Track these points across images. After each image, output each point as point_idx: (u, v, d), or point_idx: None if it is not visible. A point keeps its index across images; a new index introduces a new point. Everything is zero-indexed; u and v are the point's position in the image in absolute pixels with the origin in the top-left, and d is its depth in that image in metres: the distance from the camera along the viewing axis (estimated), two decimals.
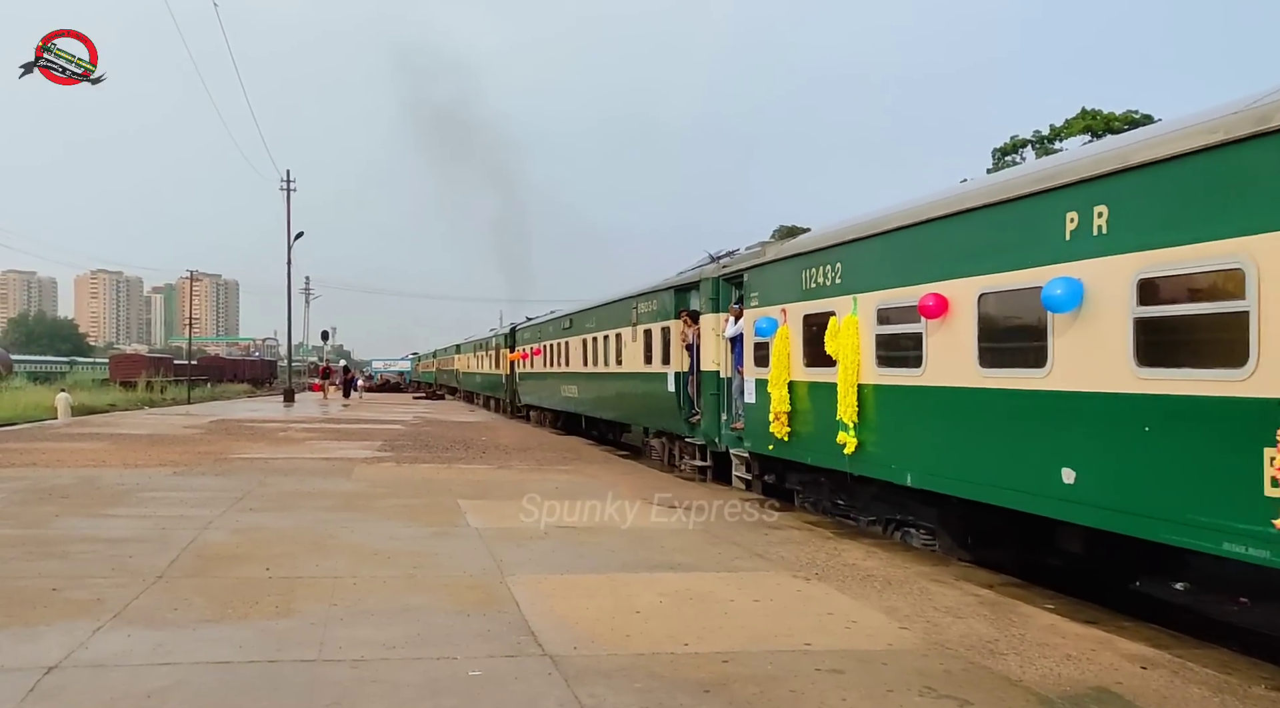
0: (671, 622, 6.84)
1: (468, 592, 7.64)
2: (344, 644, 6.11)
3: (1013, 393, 8.24)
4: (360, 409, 41.92)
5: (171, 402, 48.78)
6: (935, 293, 9.13)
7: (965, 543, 9.74)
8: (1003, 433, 8.39)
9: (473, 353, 52.44)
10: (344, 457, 18.84)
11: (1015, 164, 39.32)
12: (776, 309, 12.74)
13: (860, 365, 10.44)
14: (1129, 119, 38.55)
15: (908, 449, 9.78)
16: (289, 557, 8.88)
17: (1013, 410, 8.22)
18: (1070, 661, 6.04)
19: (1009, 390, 8.28)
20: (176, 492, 13.22)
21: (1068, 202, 7.55)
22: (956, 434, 9.00)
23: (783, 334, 12.37)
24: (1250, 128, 6.03)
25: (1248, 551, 5.92)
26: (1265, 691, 5.50)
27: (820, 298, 11.55)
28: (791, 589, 7.96)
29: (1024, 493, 8.03)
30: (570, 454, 20.64)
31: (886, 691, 5.40)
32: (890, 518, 10.83)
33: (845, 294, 10.91)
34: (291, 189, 52.06)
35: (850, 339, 10.53)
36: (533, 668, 5.73)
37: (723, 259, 15.59)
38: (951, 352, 9.01)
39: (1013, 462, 8.17)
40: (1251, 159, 6.05)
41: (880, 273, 10.28)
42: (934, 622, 6.95)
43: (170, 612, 6.88)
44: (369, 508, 11.99)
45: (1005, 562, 9.12)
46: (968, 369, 8.77)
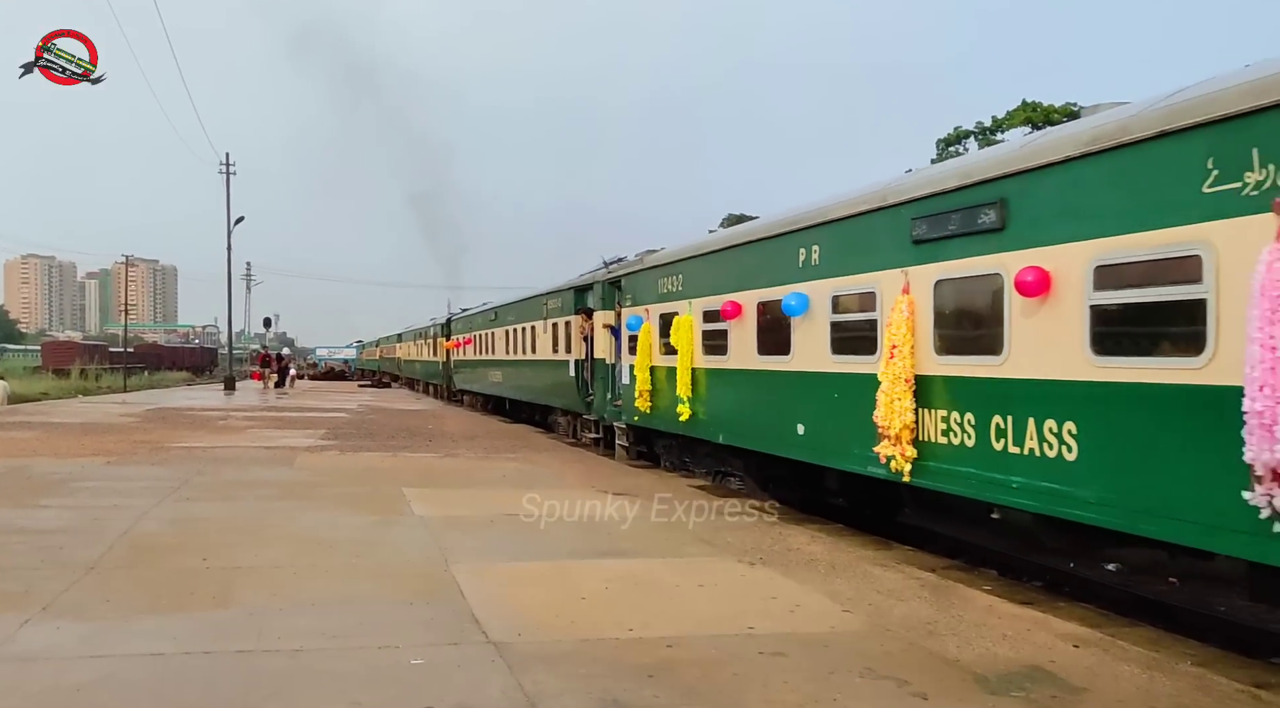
0: (617, 608, 6.85)
1: (411, 580, 7.56)
2: (283, 635, 6.01)
3: (774, 373, 11.48)
4: (304, 397, 41.26)
5: (107, 390, 47.48)
6: (733, 300, 12.32)
7: (765, 486, 12.46)
8: (770, 401, 11.62)
9: (413, 341, 54.38)
10: (286, 445, 18.53)
11: (959, 154, 39.91)
12: (643, 309, 15.88)
13: (693, 354, 13.61)
14: (1067, 111, 39.29)
15: (720, 416, 13.02)
16: (227, 547, 8.70)
17: (774, 385, 11.49)
18: (1006, 640, 6.16)
19: (772, 371, 11.53)
20: (110, 482, 12.89)
21: (799, 241, 10.96)
22: (747, 404, 12.30)
23: (646, 329, 15.47)
24: (872, 204, 9.63)
25: (866, 468, 9.42)
26: (1191, 667, 5.66)
27: (669, 301, 14.78)
28: (737, 574, 8.01)
29: (782, 444, 11.23)
30: (518, 442, 20.54)
31: (828, 673, 5.46)
32: (717, 470, 13.99)
33: (684, 299, 14.13)
34: (231, 172, 50.83)
35: (686, 334, 13.67)
36: (476, 656, 5.69)
37: (612, 265, 18.37)
38: (743, 343, 12.23)
39: (776, 422, 11.31)
40: (879, 221, 9.48)
41: (704, 284, 13.57)
42: (876, 605, 7.05)
43: (102, 604, 6.71)
44: (311, 497, 11.81)
45: (792, 500, 11.77)
46: (751, 356, 12.00)
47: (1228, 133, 5.91)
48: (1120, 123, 6.79)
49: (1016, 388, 7.60)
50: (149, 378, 62.32)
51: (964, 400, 8.19)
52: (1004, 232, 7.80)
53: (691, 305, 13.72)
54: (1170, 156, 6.34)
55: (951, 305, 8.49)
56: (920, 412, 8.65)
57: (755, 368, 11.89)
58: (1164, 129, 6.36)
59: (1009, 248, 7.69)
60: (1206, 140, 6.04)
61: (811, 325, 10.53)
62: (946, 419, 8.36)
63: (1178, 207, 6.20)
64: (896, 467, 8.80)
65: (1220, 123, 5.95)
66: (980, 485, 7.95)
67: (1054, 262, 7.22)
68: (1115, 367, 6.67)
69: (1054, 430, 7.19)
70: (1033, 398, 7.42)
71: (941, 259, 8.51)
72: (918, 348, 8.71)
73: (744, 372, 12.25)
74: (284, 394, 44.34)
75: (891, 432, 8.78)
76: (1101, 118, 7.27)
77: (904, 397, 8.67)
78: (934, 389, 8.54)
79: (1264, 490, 5.44)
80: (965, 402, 8.17)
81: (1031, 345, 7.45)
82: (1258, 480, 5.46)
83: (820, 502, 11.78)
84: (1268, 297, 5.38)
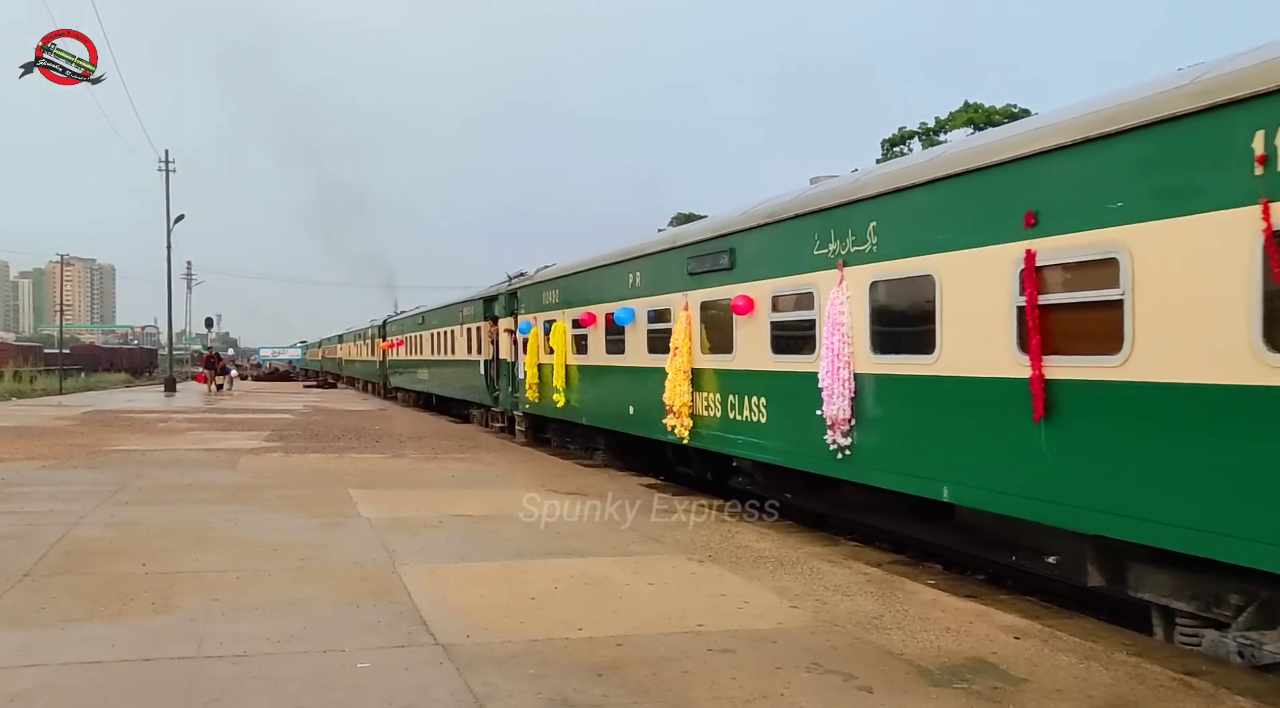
0: (566, 607, 6.84)
1: (358, 583, 7.47)
2: (225, 640, 5.90)
3: (615, 368, 14.80)
4: (247, 398, 40.51)
5: (41, 392, 46.13)
6: (590, 312, 15.75)
7: (621, 457, 15.79)
8: (613, 390, 14.99)
9: (353, 342, 56.89)
10: (229, 447, 18.18)
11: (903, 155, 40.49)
12: (532, 316, 19.26)
13: (566, 353, 16.95)
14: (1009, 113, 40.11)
15: (585, 402, 16.44)
16: (167, 552, 8.52)
17: (615, 377, 14.85)
18: (949, 633, 6.28)
19: (613, 366, 14.85)
20: (45, 486, 12.54)
21: (629, 268, 14.38)
22: (600, 392, 15.76)
23: (534, 334, 18.73)
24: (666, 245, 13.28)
25: (666, 436, 12.67)
26: (1126, 656, 5.82)
27: (550, 310, 18.14)
28: (685, 572, 8.05)
29: (621, 422, 14.65)
30: (467, 442, 20.40)
31: (775, 668, 5.52)
32: (588, 446, 17.35)
33: (560, 309, 17.55)
34: (171, 170, 49.68)
35: (561, 337, 17.13)
36: (424, 658, 5.64)
37: (514, 279, 21.47)
38: (596, 345, 15.61)
39: (618, 406, 14.70)
40: (672, 258, 12.85)
41: (573, 297, 16.93)
42: (823, 600, 7.13)
43: (36, 611, 6.53)
44: (255, 500, 11.60)
45: (644, 470, 14.87)
46: (601, 355, 15.33)
47: (835, 217, 9.33)
48: (778, 206, 10.47)
49: (739, 376, 11.07)
50: (86, 380, 60.69)
51: (714, 385, 11.69)
52: (733, 270, 11.22)
53: (565, 314, 17.16)
54: (802, 229, 9.81)
55: (709, 319, 11.83)
56: (694, 394, 11.99)
57: (604, 364, 15.32)
58: (798, 212, 9.96)
59: (734, 281, 11.11)
60: (819, 220, 9.56)
61: (636, 331, 13.88)
62: (708, 399, 11.82)
63: (803, 261, 9.75)
64: (679, 433, 12.26)
65: (832, 209, 9.42)
66: (724, 443, 11.58)
67: (756, 292, 10.64)
68: (782, 361, 10.21)
69: (755, 404, 10.70)
70: (747, 382, 10.89)
71: (704, 287, 11.88)
72: (693, 349, 12.04)
73: (597, 367, 15.69)
74: (225, 396, 43.46)
75: (675, 408, 12.19)
76: (781, 196, 10.76)
77: (683, 383, 12.06)
78: (702, 378, 11.94)
79: (830, 435, 9.10)
80: (715, 386, 11.67)
81: (745, 347, 10.92)
82: (829, 428, 9.11)
83: (659, 466, 15.07)
84: (831, 320, 9.13)
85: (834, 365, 9.00)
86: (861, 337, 8.85)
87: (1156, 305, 5.95)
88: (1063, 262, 6.61)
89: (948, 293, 7.73)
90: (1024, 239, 6.82)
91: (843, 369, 8.96)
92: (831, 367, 9.02)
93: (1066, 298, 6.67)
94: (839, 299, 9.01)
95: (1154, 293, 5.97)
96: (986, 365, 7.30)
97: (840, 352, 9.00)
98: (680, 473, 14.58)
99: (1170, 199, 5.89)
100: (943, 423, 7.88)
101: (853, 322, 8.93)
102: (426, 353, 32.15)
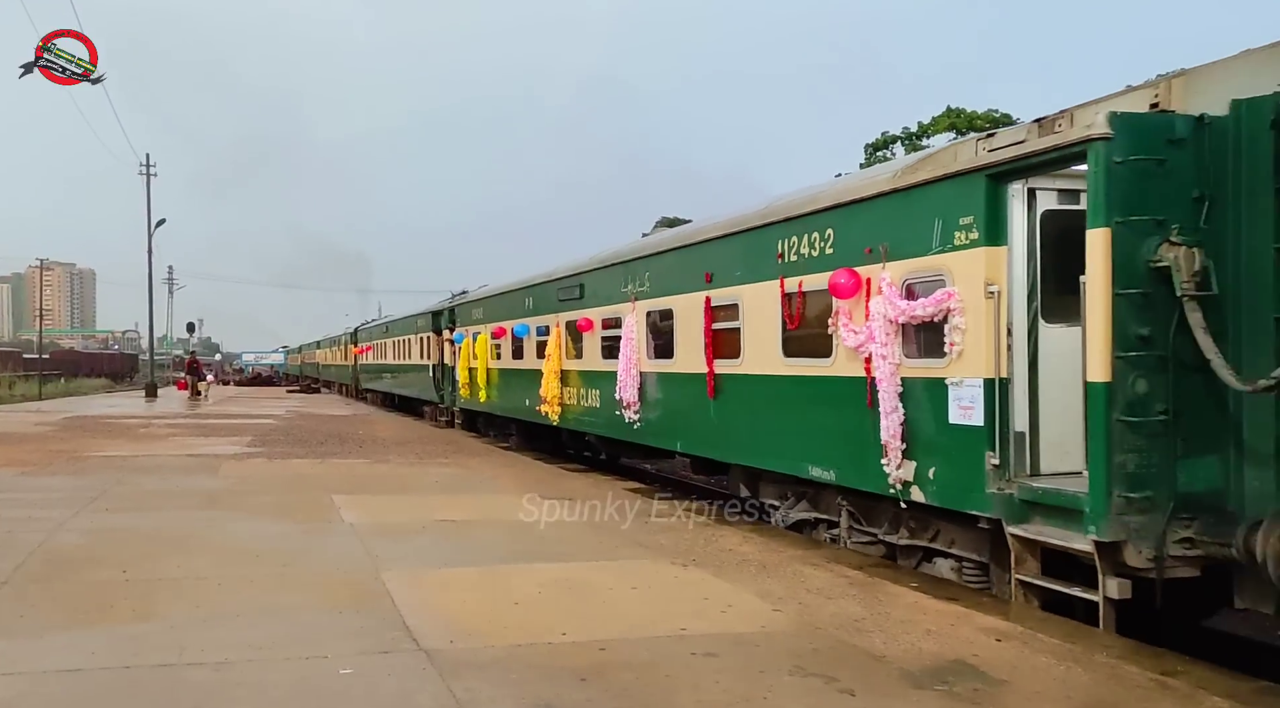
0: (550, 612, 6.84)
1: (340, 589, 7.45)
2: (207, 647, 5.87)
3: (518, 369, 19.33)
4: (229, 404, 40.21)
5: (21, 398, 45.70)
6: (500, 326, 20.32)
7: (530, 443, 19.67)
8: (517, 387, 19.32)
9: (330, 348, 62.10)
10: (211, 453, 18.07)
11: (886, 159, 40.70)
12: (465, 329, 24.02)
13: (486, 358, 21.67)
14: (990, 118, 40.32)
15: (501, 398, 21.20)
16: (148, 558, 8.47)
17: (518, 377, 19.30)
18: (931, 636, 6.32)
19: (516, 368, 19.43)
20: (24, 492, 12.44)
21: (524, 294, 19.08)
22: (509, 389, 20.23)
23: (466, 344, 23.30)
24: (547, 278, 18.06)
25: (546, 421, 17.24)
26: (1106, 658, 5.87)
27: (476, 324, 22.85)
28: (669, 576, 8.07)
29: (523, 413, 18.99)
30: (450, 447, 20.36)
31: (759, 671, 5.54)
32: (506, 432, 21.77)
33: (482, 324, 22.23)
34: (152, 174, 49.33)
35: (483, 346, 21.85)
36: (407, 664, 5.64)
37: (457, 296, 26.32)
38: (506, 352, 20.30)
39: (520, 400, 19.02)
40: (549, 287, 17.65)
41: (491, 314, 21.66)
42: (806, 603, 7.16)
43: (15, 620, 6.49)
44: (237, 506, 11.54)
45: (546, 451, 18.68)
46: (509, 359, 20.04)
47: (632, 267, 13.89)
48: (603, 256, 15.35)
49: (585, 375, 15.62)
50: (66, 385, 60.06)
51: (574, 382, 16.08)
52: (583, 299, 15.68)
53: (486, 328, 21.76)
54: (616, 274, 14.26)
55: (571, 334, 16.11)
56: (563, 388, 16.38)
57: (510, 367, 20.07)
58: (612, 262, 14.69)
59: (583, 308, 15.62)
60: (624, 269, 14.11)
61: (529, 343, 18.55)
62: (572, 392, 16.15)
63: (616, 295, 14.10)
64: (553, 418, 16.71)
65: (630, 261, 14.01)
66: (579, 423, 15.99)
67: (594, 315, 15.08)
68: (606, 363, 14.41)
69: (593, 394, 15.19)
70: (588, 379, 15.43)
71: (567, 311, 16.30)
72: (562, 356, 16.41)
73: (506, 369, 20.39)
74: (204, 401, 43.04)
75: (548, 399, 16.64)
76: (608, 248, 15.54)
77: (554, 381, 16.49)
78: (569, 377, 16.32)
79: (626, 413, 13.50)
80: (575, 383, 16.05)
81: (588, 353, 15.41)
82: (624, 408, 13.47)
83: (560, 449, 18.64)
84: (626, 336, 13.44)
85: (628, 365, 13.31)
86: (644, 347, 13.20)
87: (752, 331, 10.51)
88: (719, 304, 11.20)
89: (679, 320, 12.29)
90: (706, 289, 11.45)
91: (633, 368, 13.23)
92: (626, 366, 13.33)
93: (722, 325, 11.15)
94: (631, 322, 13.37)
95: (751, 324, 10.53)
96: (693, 364, 11.77)
97: (631, 357, 13.26)
98: (568, 452, 18.45)
99: (754, 271, 10.42)
100: (676, 402, 12.51)
101: (639, 336, 13.23)
102: (390, 358, 37.27)
